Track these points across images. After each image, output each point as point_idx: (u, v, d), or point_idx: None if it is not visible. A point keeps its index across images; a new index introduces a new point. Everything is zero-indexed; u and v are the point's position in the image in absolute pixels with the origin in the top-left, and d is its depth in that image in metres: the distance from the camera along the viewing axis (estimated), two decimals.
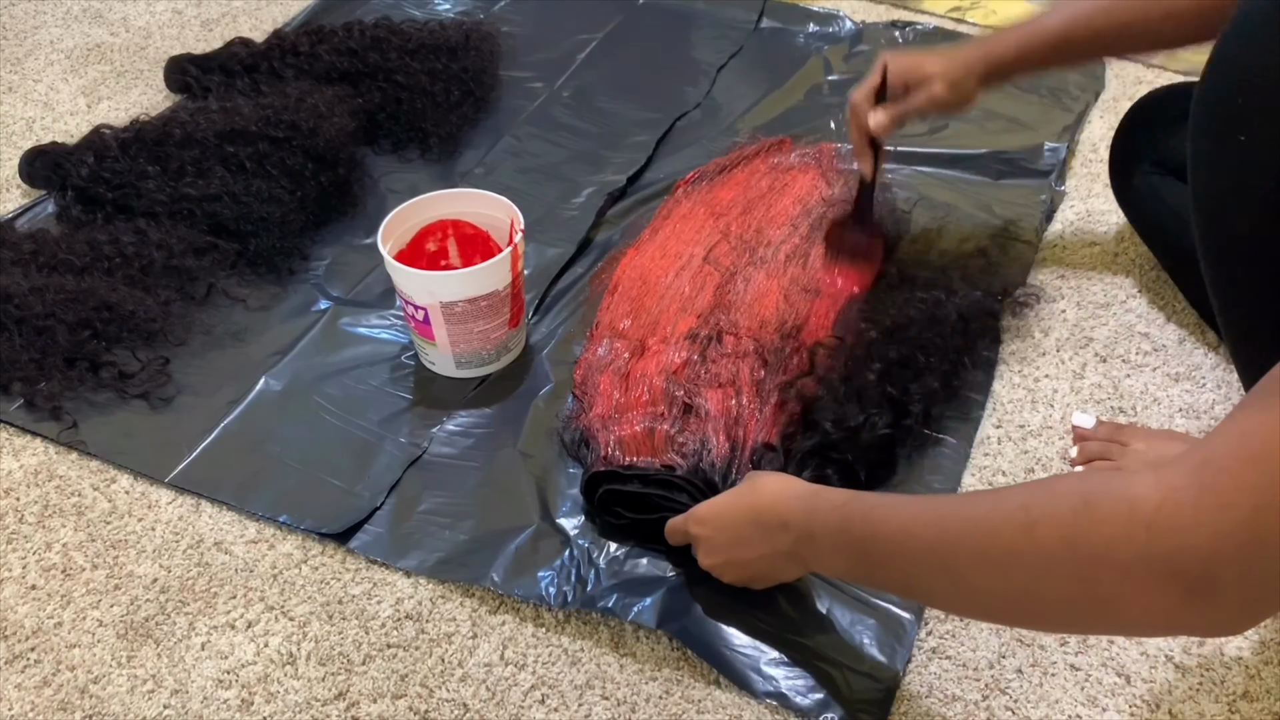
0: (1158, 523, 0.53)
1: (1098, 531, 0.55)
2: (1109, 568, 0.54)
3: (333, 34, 1.46)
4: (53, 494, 1.00)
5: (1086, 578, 0.56)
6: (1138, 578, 0.53)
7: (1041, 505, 0.58)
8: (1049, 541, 0.57)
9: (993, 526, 0.60)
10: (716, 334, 1.09)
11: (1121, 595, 0.55)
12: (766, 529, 0.80)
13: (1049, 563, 0.57)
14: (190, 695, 0.85)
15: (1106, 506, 0.55)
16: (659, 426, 0.98)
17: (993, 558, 0.60)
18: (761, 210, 1.26)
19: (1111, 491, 0.55)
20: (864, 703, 0.83)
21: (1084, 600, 0.57)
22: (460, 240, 1.12)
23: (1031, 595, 0.60)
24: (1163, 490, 0.53)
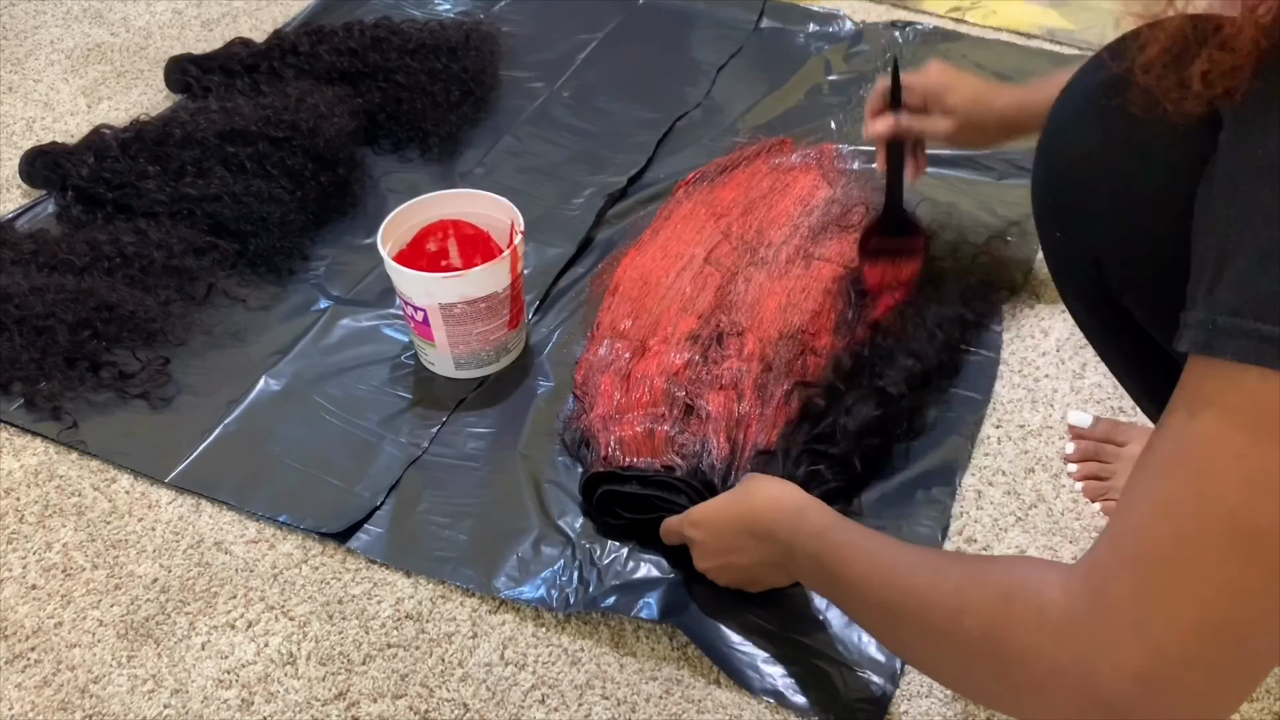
0: (1061, 633, 0.53)
1: (1013, 634, 0.55)
2: (1024, 673, 0.54)
3: (333, 34, 1.46)
4: (53, 494, 1.00)
5: (1006, 676, 0.56)
6: (1053, 689, 0.53)
7: (973, 591, 0.59)
8: (973, 634, 0.57)
9: (929, 604, 0.62)
10: (718, 335, 1.09)
11: (1035, 704, 0.55)
12: (756, 538, 0.82)
13: (973, 653, 0.58)
14: (190, 695, 0.85)
15: (1020, 606, 0.55)
16: (659, 427, 0.98)
17: (928, 635, 0.62)
18: (763, 210, 1.26)
19: (1028, 590, 0.55)
20: (862, 701, 0.83)
21: (1008, 696, 0.58)
22: (460, 241, 1.12)
23: (963, 677, 0.62)
24: (1066, 596, 0.53)
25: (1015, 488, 1.00)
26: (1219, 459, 0.49)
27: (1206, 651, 0.49)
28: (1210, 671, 0.50)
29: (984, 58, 1.54)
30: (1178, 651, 0.49)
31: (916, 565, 0.66)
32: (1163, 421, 0.53)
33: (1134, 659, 0.50)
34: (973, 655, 0.58)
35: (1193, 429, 0.51)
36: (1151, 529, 0.51)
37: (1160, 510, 0.51)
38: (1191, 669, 0.50)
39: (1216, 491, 0.49)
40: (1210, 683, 0.50)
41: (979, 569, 0.62)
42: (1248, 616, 0.49)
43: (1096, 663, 0.51)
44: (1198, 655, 0.49)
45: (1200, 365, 0.51)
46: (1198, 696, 0.50)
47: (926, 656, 0.65)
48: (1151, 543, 0.51)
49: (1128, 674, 0.50)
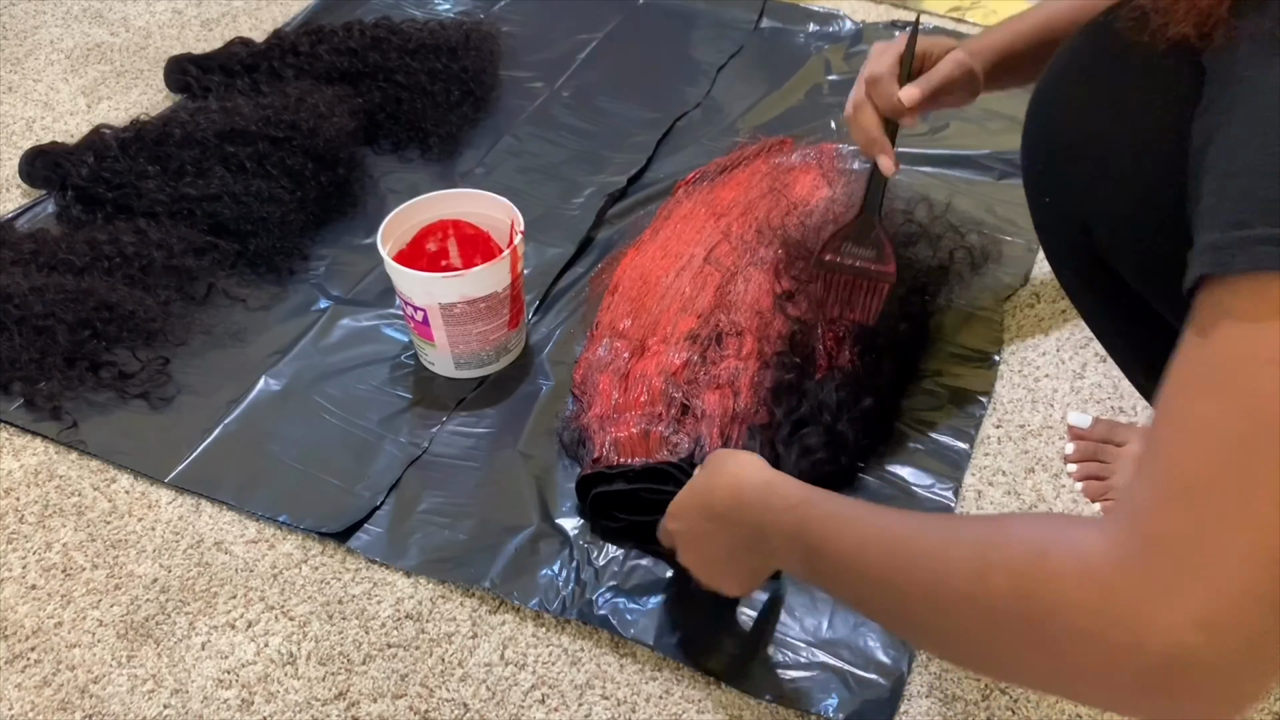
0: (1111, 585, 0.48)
1: (1050, 588, 0.50)
2: (1065, 631, 0.49)
3: (333, 34, 1.46)
4: (53, 494, 1.00)
5: (1040, 637, 0.50)
6: (1097, 648, 0.48)
7: (996, 550, 0.54)
8: (1001, 592, 0.52)
9: (946, 566, 0.56)
10: (717, 335, 1.09)
11: (1079, 663, 0.49)
12: (721, 520, 0.76)
13: (1000, 615, 0.52)
14: (190, 695, 0.85)
15: (1058, 559, 0.50)
16: (654, 428, 0.98)
17: (943, 599, 0.56)
18: (763, 210, 1.25)
19: (1064, 542, 0.50)
20: (871, 703, 0.83)
21: (1037, 660, 0.52)
22: (461, 241, 1.12)
23: (983, 643, 0.55)
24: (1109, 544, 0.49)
25: (1015, 488, 1.00)
26: (1252, 370, 0.46)
27: (1271, 579, 0.45)
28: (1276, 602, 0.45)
29: None
30: (1242, 586, 0.45)
31: (921, 529, 0.60)
32: (1177, 356, 0.50)
33: (1195, 603, 0.45)
34: (1001, 619, 0.52)
35: (1217, 348, 0.48)
36: (1193, 457, 0.47)
37: (1198, 436, 0.47)
38: (1261, 604, 0.45)
39: (1257, 404, 0.46)
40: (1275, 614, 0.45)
41: (999, 526, 0.56)
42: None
43: (1151, 611, 0.46)
44: (1266, 587, 0.45)
45: (1212, 288, 0.48)
46: (1262, 634, 0.45)
47: (943, 629, 0.57)
48: (1196, 471, 0.46)
49: (1189, 620, 0.45)
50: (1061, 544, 0.50)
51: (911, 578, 0.58)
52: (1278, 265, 0.46)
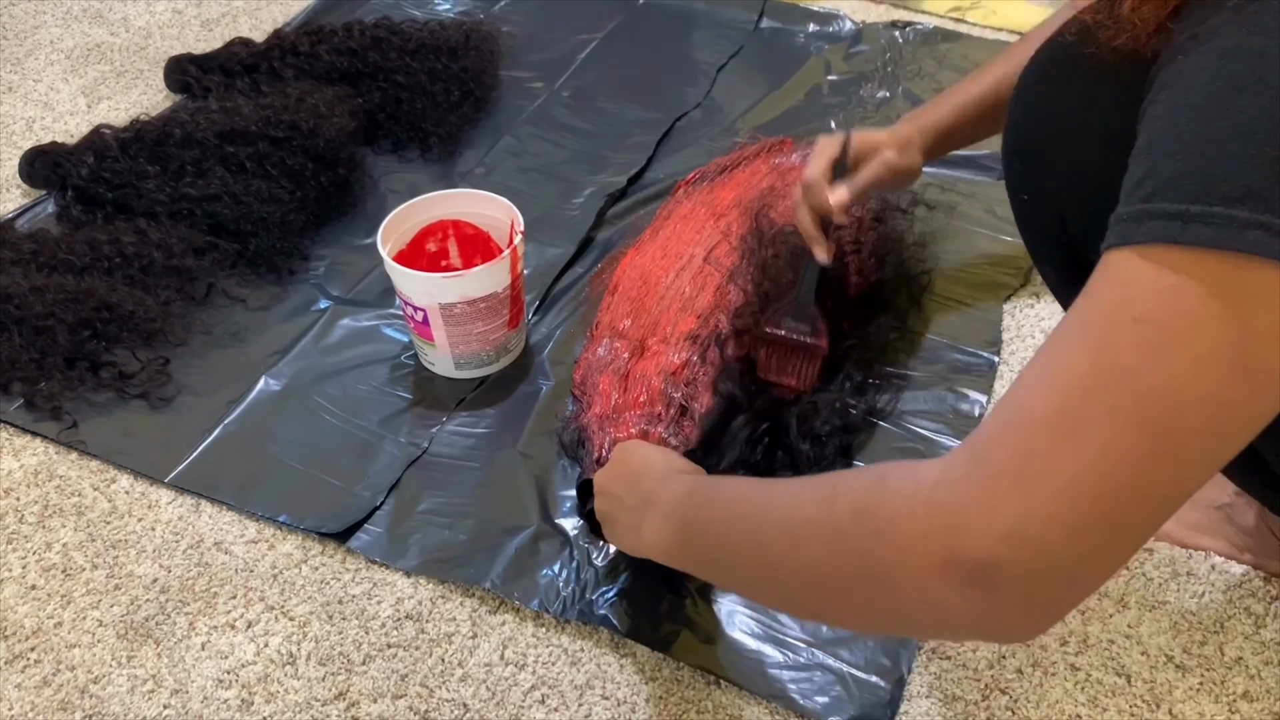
0: (935, 497, 0.51)
1: (885, 504, 0.53)
2: (890, 544, 0.52)
3: (333, 34, 1.46)
4: (53, 494, 1.00)
5: (869, 553, 0.53)
6: (916, 557, 0.51)
7: (846, 481, 0.58)
8: (843, 512, 0.56)
9: (800, 497, 0.60)
10: (716, 335, 1.09)
11: (902, 576, 0.52)
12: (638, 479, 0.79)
13: (840, 533, 0.56)
14: (190, 695, 0.85)
15: (895, 482, 0.54)
16: (653, 429, 0.98)
17: (792, 527, 0.59)
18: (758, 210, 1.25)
19: (906, 470, 0.54)
20: (872, 704, 0.83)
21: (866, 579, 0.55)
22: (461, 241, 1.12)
23: (822, 570, 0.58)
24: (943, 468, 0.52)
25: None
26: (1117, 325, 0.49)
27: (1081, 513, 0.48)
28: (1082, 536, 0.48)
29: (984, 58, 1.53)
30: (1050, 511, 0.48)
31: (790, 480, 0.64)
32: (1069, 310, 0.52)
33: (1005, 519, 0.48)
34: (840, 535, 0.55)
35: (1093, 302, 0.50)
36: (1041, 397, 0.50)
37: (1052, 380, 0.50)
38: (1063, 530, 0.48)
39: (1110, 355, 0.48)
40: (1080, 547, 0.48)
41: (855, 469, 0.60)
42: (1127, 479, 0.48)
43: (966, 522, 0.49)
44: (1072, 516, 0.48)
45: (1112, 256, 0.50)
46: (1067, 561, 0.49)
47: (785, 555, 0.60)
48: (1039, 408, 0.49)
49: (996, 533, 0.48)
50: (900, 471, 0.54)
51: (770, 515, 0.61)
52: (1166, 237, 0.48)
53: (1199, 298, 0.47)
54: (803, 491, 0.61)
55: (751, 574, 0.66)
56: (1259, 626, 0.89)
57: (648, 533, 0.75)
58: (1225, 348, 0.47)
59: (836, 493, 0.57)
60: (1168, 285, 0.48)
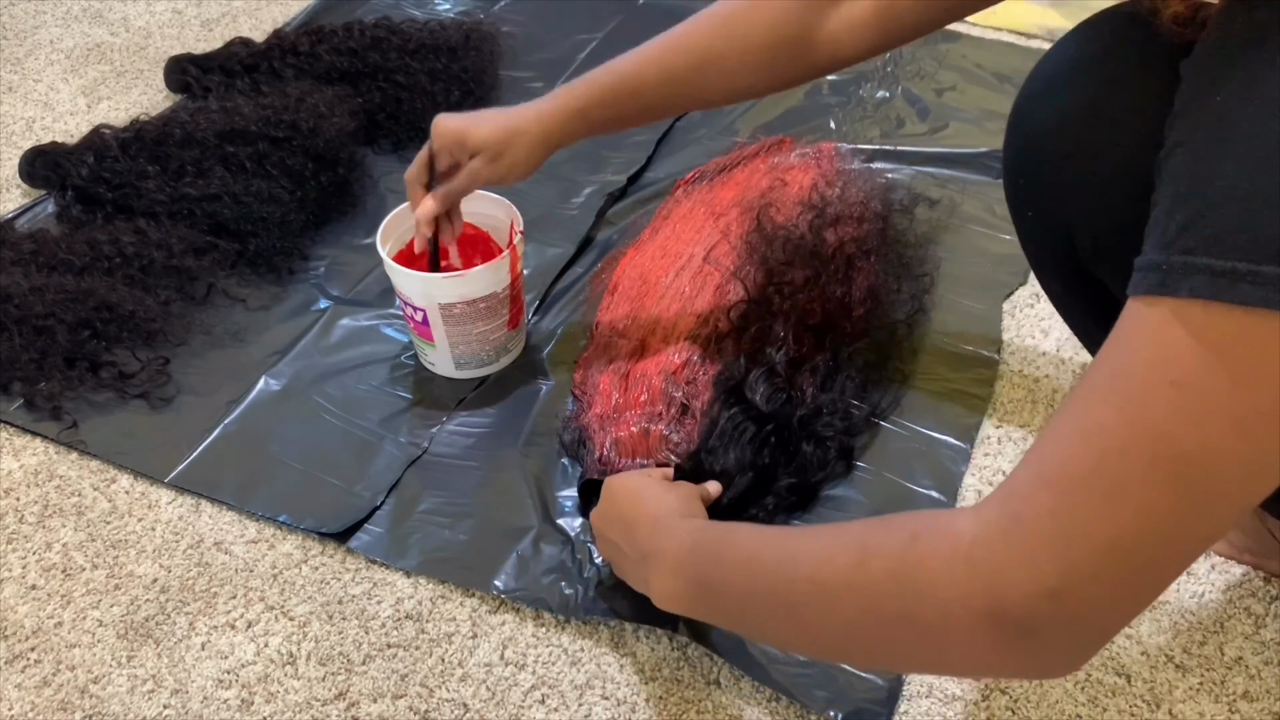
0: (974, 557, 0.52)
1: (923, 566, 0.54)
2: (933, 604, 0.54)
3: (333, 34, 1.46)
4: (53, 494, 1.00)
5: (911, 613, 0.55)
6: (960, 618, 0.53)
7: (876, 539, 0.58)
8: (879, 575, 0.56)
9: (830, 556, 0.60)
10: (716, 334, 1.09)
11: (946, 635, 0.54)
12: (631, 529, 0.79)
13: (877, 597, 0.57)
14: (190, 695, 0.85)
15: (929, 542, 0.55)
16: (654, 427, 0.98)
17: (827, 588, 0.60)
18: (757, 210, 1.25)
19: (938, 526, 0.55)
20: (870, 700, 0.83)
21: (909, 637, 0.56)
22: (461, 241, 1.12)
23: (860, 629, 0.59)
24: (978, 524, 0.53)
25: None
26: (1153, 387, 0.49)
27: (1117, 569, 0.50)
28: (1117, 588, 0.51)
29: (984, 58, 1.54)
30: (1090, 568, 0.50)
31: (811, 532, 0.64)
32: (1099, 357, 0.53)
33: (1046, 577, 0.50)
34: (878, 598, 0.57)
35: (1129, 360, 0.50)
36: (1076, 455, 0.51)
37: (1087, 437, 0.51)
38: (1103, 584, 0.50)
39: (1147, 417, 0.49)
40: (1115, 597, 0.51)
41: (881, 521, 0.61)
42: (1161, 537, 0.50)
43: (1008, 582, 0.51)
44: (1111, 572, 0.50)
45: (1144, 304, 0.50)
46: (1101, 611, 0.51)
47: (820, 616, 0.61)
48: (1075, 467, 0.50)
49: (1040, 591, 0.50)
50: (934, 529, 0.56)
51: (798, 574, 0.62)
52: (1211, 294, 0.47)
53: (1242, 360, 0.47)
54: (828, 552, 0.61)
55: (783, 634, 0.68)
56: (1259, 626, 0.89)
57: (657, 588, 0.74)
58: (1267, 407, 0.47)
59: (867, 553, 0.58)
60: (1208, 346, 0.47)
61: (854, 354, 1.07)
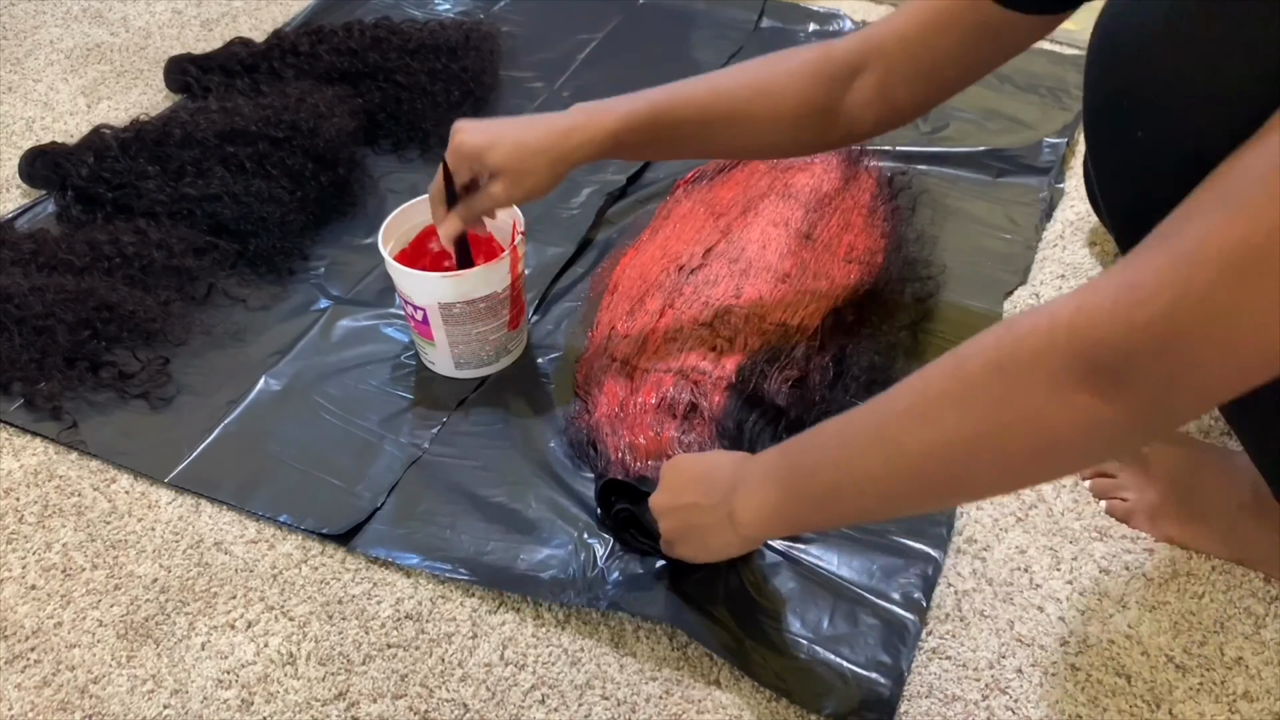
0: (1076, 325, 0.53)
1: (1021, 346, 0.55)
2: (1034, 378, 0.55)
3: (333, 34, 1.46)
4: (53, 494, 1.00)
5: (1013, 398, 0.56)
6: (1060, 380, 0.54)
7: (968, 347, 0.59)
8: (977, 372, 0.57)
9: (925, 377, 0.61)
10: (718, 333, 1.09)
11: (1047, 404, 0.55)
12: (709, 478, 0.81)
13: (977, 391, 0.57)
14: (190, 695, 0.85)
15: (1027, 324, 0.56)
16: (665, 429, 0.98)
17: (926, 409, 0.60)
18: (762, 209, 1.25)
19: (1037, 312, 0.56)
20: (872, 702, 0.83)
21: (1012, 424, 0.57)
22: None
23: (961, 437, 0.59)
24: (1081, 297, 0.54)
25: None
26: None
27: (1231, 340, 0.50)
28: (1221, 352, 0.51)
29: None
30: (1203, 331, 0.50)
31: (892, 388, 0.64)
32: (1252, 143, 0.52)
33: (1154, 332, 0.51)
34: (978, 392, 0.57)
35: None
36: (1220, 232, 0.50)
37: (1237, 215, 0.50)
38: (1209, 348, 0.51)
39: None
40: (1217, 362, 0.51)
41: (963, 342, 0.61)
42: (1267, 317, 0.50)
43: (1109, 335, 0.52)
44: (1221, 339, 0.50)
45: None
46: (1200, 373, 0.52)
47: (920, 441, 0.61)
48: (1215, 245, 0.50)
49: (1142, 342, 0.51)
50: (1028, 315, 0.56)
51: (894, 407, 0.62)
52: None
53: None
54: (922, 377, 0.61)
55: (880, 487, 0.66)
56: (1259, 626, 0.89)
57: (743, 510, 0.75)
58: None
59: (961, 359, 0.58)
60: None
61: (859, 354, 1.07)
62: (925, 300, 1.16)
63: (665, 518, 0.86)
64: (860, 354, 1.08)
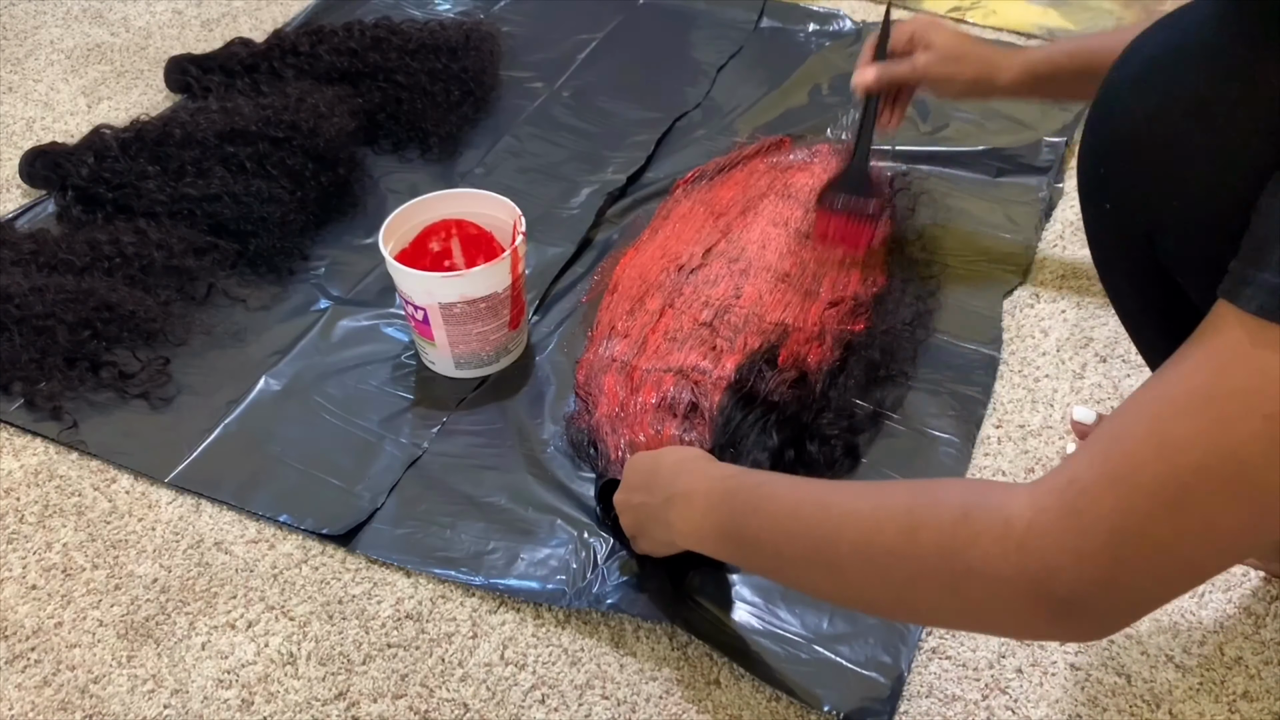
0: (1027, 543, 0.54)
1: (974, 545, 0.56)
2: (981, 582, 0.56)
3: (333, 34, 1.46)
4: (53, 494, 1.00)
5: (960, 589, 0.57)
6: (1007, 595, 0.55)
7: (925, 510, 0.60)
8: (928, 548, 0.58)
9: (877, 524, 0.62)
10: (719, 333, 1.09)
11: (992, 608, 0.57)
12: (658, 478, 0.81)
13: (926, 569, 0.59)
14: (190, 695, 0.85)
15: (983, 521, 0.56)
16: (664, 428, 0.98)
17: (873, 555, 0.62)
18: (762, 209, 1.25)
19: (989, 504, 0.57)
20: (873, 700, 0.83)
21: (956, 607, 0.59)
22: (464, 241, 1.12)
23: (906, 595, 0.61)
24: (1034, 510, 0.55)
25: None
26: (1246, 416, 0.49)
27: (1169, 567, 0.53)
28: (1165, 582, 0.54)
29: None
30: (1142, 565, 0.52)
31: (852, 491, 0.66)
32: (1185, 364, 0.53)
33: (1099, 569, 0.52)
34: (927, 570, 0.59)
35: (1222, 381, 0.50)
36: (1149, 462, 0.52)
37: (1163, 449, 0.51)
38: (1149, 578, 0.53)
39: (1233, 444, 0.49)
40: (1161, 589, 0.54)
41: (928, 489, 0.62)
42: (1219, 548, 0.52)
43: (1060, 569, 0.53)
44: (1160, 570, 0.53)
45: (1248, 323, 0.50)
46: (1146, 597, 0.55)
47: (865, 579, 0.63)
48: (1146, 475, 0.51)
49: (1090, 580, 0.53)
50: (985, 507, 0.57)
51: (842, 536, 0.63)
52: None
53: None
54: (875, 519, 0.62)
55: (821, 589, 0.70)
56: (1259, 626, 0.89)
57: (682, 527, 0.77)
58: None
59: (916, 525, 0.59)
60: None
61: (859, 353, 1.07)
62: (925, 300, 1.16)
63: (622, 514, 0.87)
64: (860, 354, 1.08)
